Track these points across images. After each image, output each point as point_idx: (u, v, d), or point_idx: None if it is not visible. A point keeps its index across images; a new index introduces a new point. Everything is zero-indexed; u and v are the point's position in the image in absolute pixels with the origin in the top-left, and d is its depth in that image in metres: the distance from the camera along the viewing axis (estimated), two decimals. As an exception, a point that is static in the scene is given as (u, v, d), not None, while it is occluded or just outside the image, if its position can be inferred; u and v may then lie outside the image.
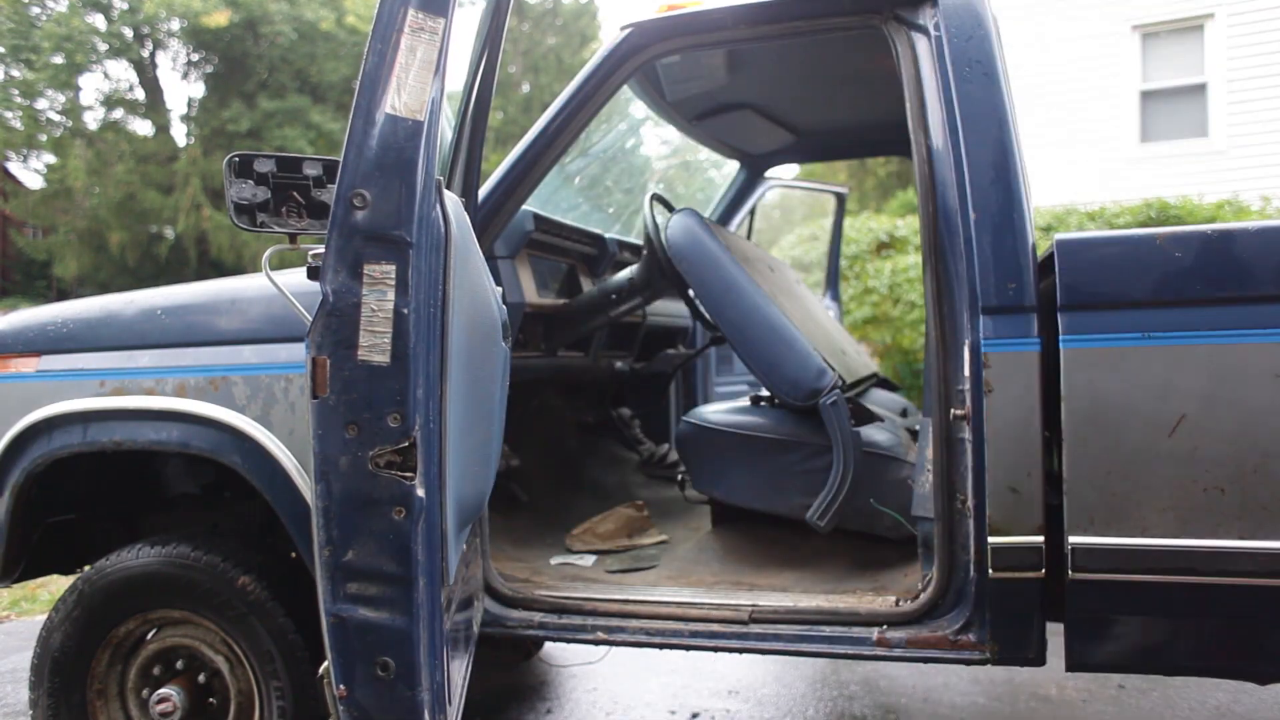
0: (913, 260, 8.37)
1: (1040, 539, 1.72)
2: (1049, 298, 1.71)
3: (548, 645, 3.19)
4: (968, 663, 1.83)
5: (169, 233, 21.64)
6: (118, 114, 21.84)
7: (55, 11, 19.84)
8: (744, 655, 2.11)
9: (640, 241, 3.36)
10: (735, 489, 2.49)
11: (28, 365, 2.22)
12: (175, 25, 20.81)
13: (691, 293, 2.72)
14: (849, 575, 2.31)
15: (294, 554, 2.15)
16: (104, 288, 18.64)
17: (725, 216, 3.99)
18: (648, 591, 2.18)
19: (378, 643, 1.50)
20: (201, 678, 2.09)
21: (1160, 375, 1.63)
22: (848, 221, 8.44)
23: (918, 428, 2.94)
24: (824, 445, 2.30)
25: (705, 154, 4.19)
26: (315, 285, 1.50)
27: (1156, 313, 1.64)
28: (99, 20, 20.60)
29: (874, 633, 1.87)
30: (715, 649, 1.97)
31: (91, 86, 24.19)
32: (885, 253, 8.85)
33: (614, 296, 2.88)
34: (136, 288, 2.42)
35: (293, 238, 1.70)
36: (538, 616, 2.09)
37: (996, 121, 1.82)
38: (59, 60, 19.36)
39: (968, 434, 1.77)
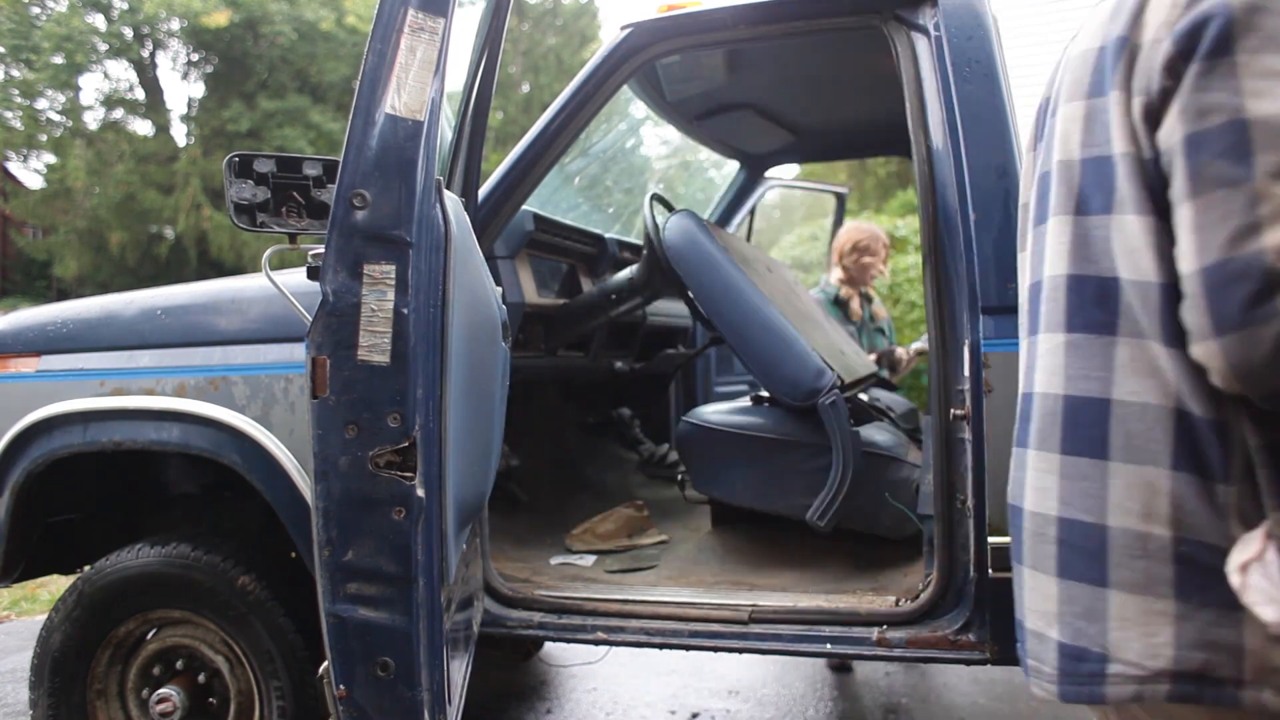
0: (913, 260, 8.36)
1: (1040, 539, 1.71)
2: (1049, 298, 1.71)
3: (548, 645, 3.19)
4: (968, 663, 1.84)
5: (169, 233, 21.64)
6: (118, 114, 21.85)
7: (55, 11, 19.84)
8: (744, 655, 2.11)
9: (640, 241, 3.36)
10: (735, 489, 2.49)
11: (28, 365, 2.22)
12: (175, 25, 20.82)
13: (690, 293, 2.72)
14: (849, 575, 2.30)
15: (294, 554, 2.15)
16: (104, 288, 18.64)
17: (725, 217, 3.99)
18: (648, 591, 2.18)
19: (377, 643, 1.50)
20: (201, 678, 2.09)
21: (1160, 375, 1.62)
22: (848, 221, 8.43)
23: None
24: (824, 445, 2.29)
25: (705, 154, 4.19)
26: (315, 285, 1.50)
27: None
28: (99, 20, 20.60)
29: (874, 633, 1.87)
30: (715, 649, 1.97)
31: (91, 86, 24.24)
32: (885, 253, 8.84)
33: (614, 296, 2.88)
34: (136, 288, 2.42)
35: (293, 238, 1.70)
36: (538, 616, 2.09)
37: (996, 121, 1.82)
38: (59, 60, 19.36)
39: (968, 434, 1.77)
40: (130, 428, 2.07)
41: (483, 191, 2.23)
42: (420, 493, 1.48)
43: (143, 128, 21.99)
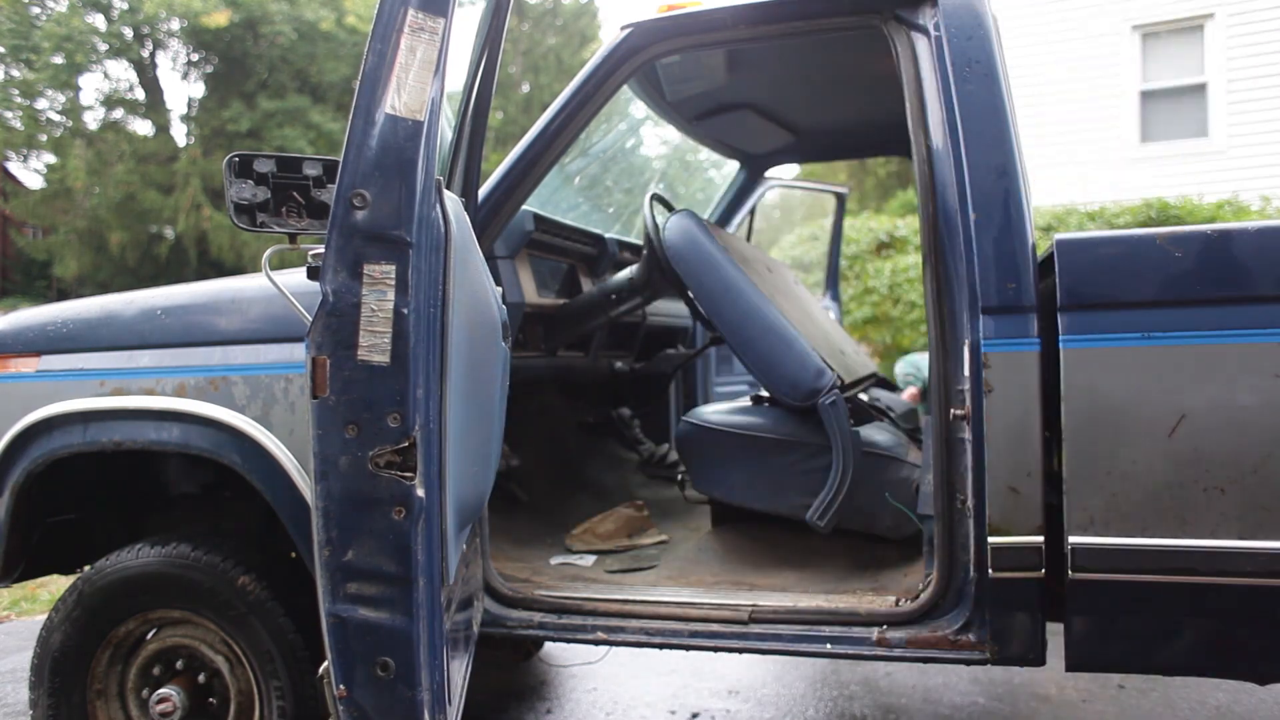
0: (913, 260, 8.38)
1: (1040, 539, 1.72)
2: (1049, 298, 1.71)
3: (548, 645, 3.19)
4: (968, 663, 1.83)
5: (169, 233, 21.63)
6: (118, 114, 21.83)
7: (55, 11, 19.83)
8: (744, 655, 2.11)
9: (640, 241, 3.36)
10: (735, 489, 2.49)
11: (28, 365, 2.22)
12: (175, 25, 20.81)
13: (690, 293, 2.72)
14: (849, 575, 2.30)
15: (294, 554, 2.15)
16: (104, 288, 18.64)
17: (725, 217, 3.99)
18: (648, 591, 2.18)
19: (378, 643, 1.50)
20: (201, 678, 2.09)
21: (1160, 375, 1.63)
22: (848, 221, 8.45)
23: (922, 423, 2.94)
24: (824, 445, 2.30)
25: (705, 154, 4.19)
26: (315, 285, 1.50)
27: (1156, 313, 1.64)
28: (99, 20, 20.59)
29: (874, 633, 1.87)
30: (715, 649, 1.97)
31: (91, 86, 24.23)
32: (885, 253, 8.86)
33: (614, 296, 2.88)
34: (136, 288, 2.42)
35: (293, 238, 1.71)
36: (538, 616, 2.09)
37: (996, 121, 1.82)
38: (59, 60, 19.35)
39: (968, 434, 1.77)
40: (130, 428, 2.07)
41: (483, 191, 2.23)
42: (420, 493, 1.48)
43: (143, 128, 22.01)
